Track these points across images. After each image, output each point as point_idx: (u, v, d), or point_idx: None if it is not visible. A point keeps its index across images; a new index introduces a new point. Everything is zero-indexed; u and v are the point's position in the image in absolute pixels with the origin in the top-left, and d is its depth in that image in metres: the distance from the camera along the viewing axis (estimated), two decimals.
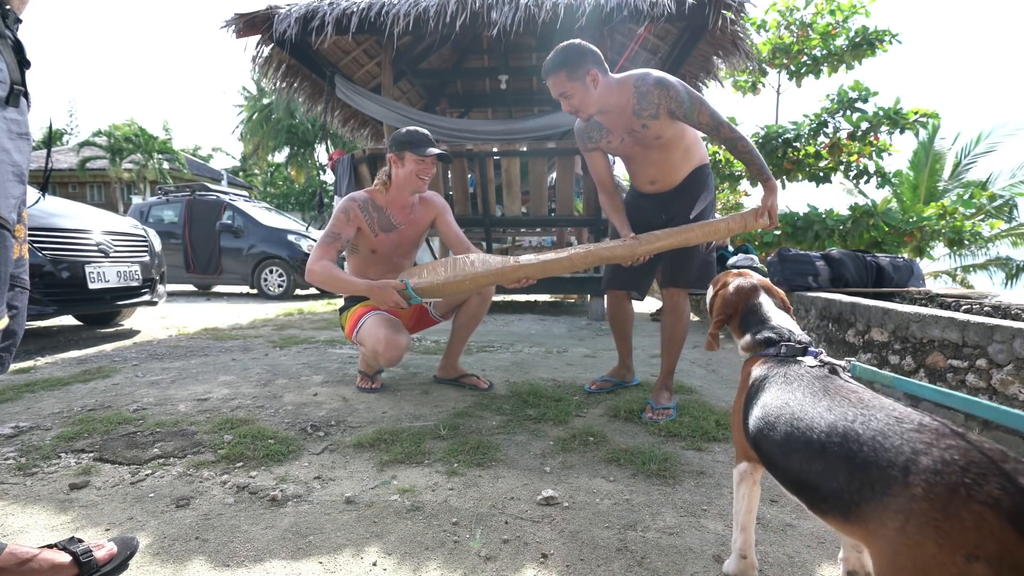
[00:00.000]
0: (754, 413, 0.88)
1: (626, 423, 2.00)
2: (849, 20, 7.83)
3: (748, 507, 1.01)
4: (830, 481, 0.70)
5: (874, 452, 0.66)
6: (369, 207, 2.27)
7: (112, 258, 3.55)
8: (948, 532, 0.55)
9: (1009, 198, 10.85)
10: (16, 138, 0.93)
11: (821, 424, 0.74)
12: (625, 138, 2.02)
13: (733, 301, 1.16)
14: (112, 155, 19.78)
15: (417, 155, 2.19)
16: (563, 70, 1.84)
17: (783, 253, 3.44)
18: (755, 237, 7.03)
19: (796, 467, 0.76)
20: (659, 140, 1.98)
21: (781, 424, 0.80)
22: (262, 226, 7.51)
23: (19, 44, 0.94)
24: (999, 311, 2.84)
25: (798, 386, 0.85)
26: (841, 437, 0.70)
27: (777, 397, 0.85)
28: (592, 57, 1.86)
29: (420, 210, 2.39)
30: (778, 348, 0.99)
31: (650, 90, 1.86)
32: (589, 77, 1.85)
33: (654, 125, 1.92)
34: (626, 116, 1.94)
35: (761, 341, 1.04)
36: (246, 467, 1.58)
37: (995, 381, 1.81)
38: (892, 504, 0.61)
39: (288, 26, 4.33)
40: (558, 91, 1.89)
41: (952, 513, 0.56)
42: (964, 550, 0.54)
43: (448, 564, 1.13)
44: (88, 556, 1.05)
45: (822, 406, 0.77)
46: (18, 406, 2.12)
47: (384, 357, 2.14)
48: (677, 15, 4.08)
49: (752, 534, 1.04)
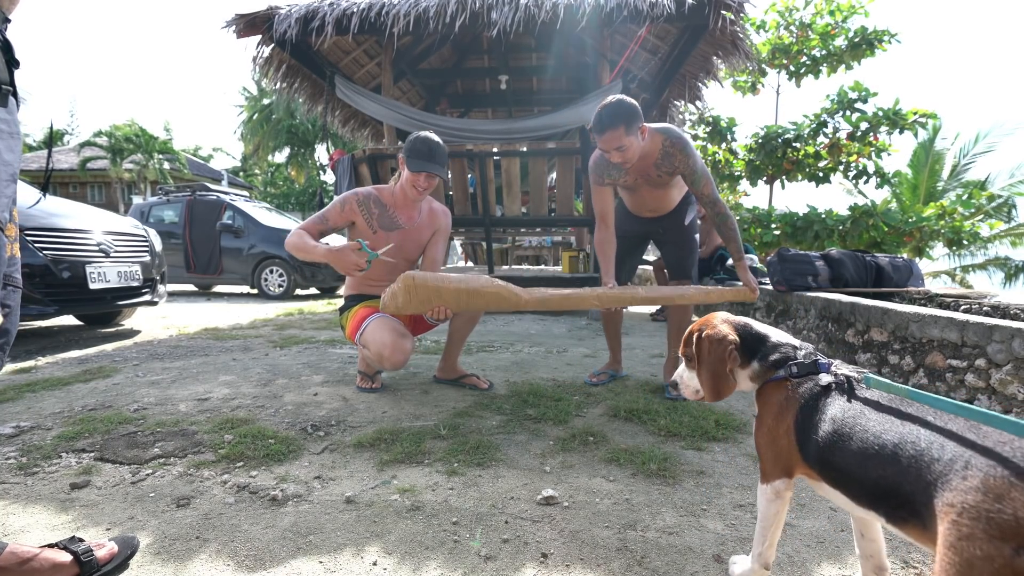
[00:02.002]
0: (823, 429, 0.86)
1: (626, 423, 2.01)
2: (848, 20, 7.83)
3: (778, 523, 1.00)
4: (903, 484, 0.70)
5: (942, 450, 0.67)
6: (370, 203, 2.26)
7: (113, 258, 3.55)
8: (998, 524, 0.56)
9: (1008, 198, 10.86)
10: (7, 137, 0.93)
11: (896, 431, 0.75)
12: (638, 179, 2.22)
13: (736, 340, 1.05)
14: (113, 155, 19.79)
15: (409, 168, 2.18)
16: (623, 126, 1.96)
17: (783, 253, 3.44)
18: (754, 237, 7.04)
19: (873, 475, 0.76)
20: (667, 184, 2.25)
21: (856, 437, 0.80)
22: (262, 226, 7.51)
23: (7, 44, 0.93)
24: (998, 311, 2.85)
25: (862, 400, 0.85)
26: (915, 440, 0.71)
27: (845, 411, 0.85)
28: (641, 113, 2.03)
29: (427, 218, 2.37)
30: (788, 368, 0.96)
31: (675, 153, 2.09)
32: (641, 131, 2.01)
33: (667, 177, 2.18)
34: (647, 165, 2.14)
35: (773, 363, 1.00)
36: (246, 467, 1.58)
37: (994, 381, 1.81)
38: (949, 498, 0.62)
39: (288, 26, 4.33)
40: (615, 144, 1.98)
41: (1004, 505, 0.56)
42: (1014, 542, 0.54)
43: (448, 564, 1.14)
44: (89, 555, 1.05)
45: (894, 416, 0.78)
46: (19, 406, 2.12)
47: (390, 362, 2.12)
48: (677, 15, 4.08)
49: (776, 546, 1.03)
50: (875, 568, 0.99)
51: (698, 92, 5.96)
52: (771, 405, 0.99)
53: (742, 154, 8.53)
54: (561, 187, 5.18)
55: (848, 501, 0.83)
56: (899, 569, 1.15)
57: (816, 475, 0.89)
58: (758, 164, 8.20)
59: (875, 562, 0.99)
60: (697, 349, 1.08)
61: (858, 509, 0.81)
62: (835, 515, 1.35)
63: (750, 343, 1.05)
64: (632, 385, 2.52)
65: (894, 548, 1.22)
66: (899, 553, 1.20)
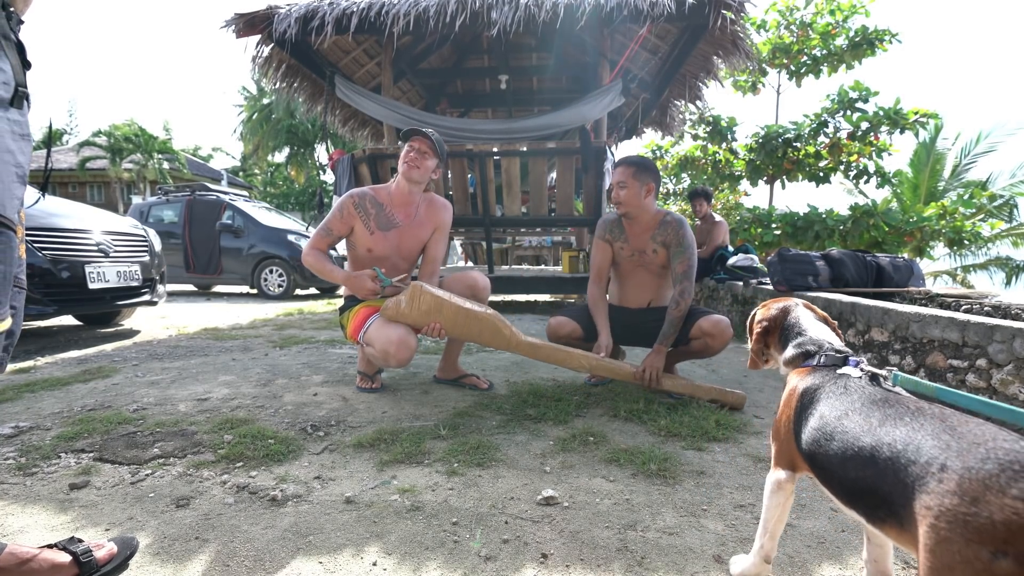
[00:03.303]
0: (810, 424, 0.88)
1: (626, 423, 2.00)
2: (849, 20, 7.83)
3: (780, 516, 1.00)
4: (881, 485, 0.70)
5: (917, 452, 0.66)
6: (367, 203, 2.26)
7: (112, 258, 3.55)
8: (976, 527, 0.55)
9: (1009, 198, 10.86)
10: (19, 139, 0.93)
11: (874, 432, 0.75)
12: (635, 255, 2.38)
13: (773, 316, 1.17)
14: (112, 155, 19.79)
15: (403, 143, 2.27)
16: (634, 167, 2.26)
17: (783, 253, 3.44)
18: (755, 237, 7.04)
19: (852, 475, 0.76)
20: (663, 269, 2.36)
21: (838, 434, 0.81)
22: (262, 226, 7.51)
23: (21, 46, 0.94)
24: (999, 311, 2.84)
25: (852, 397, 0.85)
26: (891, 442, 0.71)
27: (834, 408, 0.85)
28: (657, 178, 2.30)
29: (425, 213, 2.34)
30: (818, 359, 1.00)
31: (671, 222, 2.29)
32: (647, 188, 2.26)
33: (661, 254, 2.32)
34: (645, 235, 2.33)
35: (802, 354, 1.05)
36: (246, 467, 1.58)
37: (995, 381, 1.81)
38: (926, 500, 0.61)
39: (288, 26, 4.33)
40: (620, 179, 2.26)
41: (980, 508, 0.55)
42: (991, 546, 0.53)
43: (448, 564, 1.13)
44: (88, 556, 1.05)
45: (876, 415, 0.77)
46: (18, 406, 2.12)
47: (395, 359, 2.10)
48: (677, 15, 4.07)
49: (777, 540, 1.03)
50: (879, 573, 0.98)
51: (698, 92, 5.95)
52: (786, 392, 1.02)
53: (742, 154, 8.53)
54: (561, 187, 5.17)
55: (835, 500, 0.83)
56: (900, 570, 1.15)
57: (808, 470, 0.89)
58: (758, 164, 8.20)
59: (879, 567, 0.99)
60: (749, 322, 1.26)
61: (844, 508, 0.81)
62: (836, 516, 1.35)
63: (791, 330, 1.12)
64: (632, 385, 2.52)
65: (897, 549, 1.21)
66: (900, 554, 1.20)
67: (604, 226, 2.44)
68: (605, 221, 2.45)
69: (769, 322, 1.17)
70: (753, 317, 1.24)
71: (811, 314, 1.15)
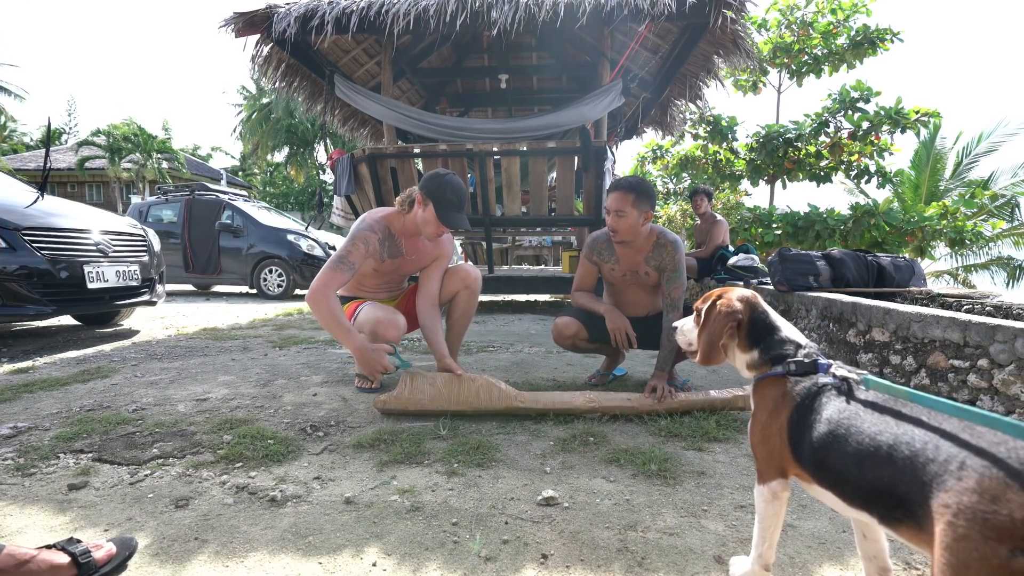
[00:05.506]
0: (817, 430, 0.86)
1: (626, 423, 2.00)
2: (850, 19, 7.82)
3: (777, 524, 1.00)
4: (899, 485, 0.69)
5: (936, 451, 0.66)
6: (386, 240, 2.24)
7: (111, 258, 3.54)
8: (994, 525, 0.55)
9: (1011, 197, 10.84)
10: None
11: (892, 431, 0.74)
12: (628, 275, 2.30)
13: (743, 309, 1.07)
14: (111, 155, 19.80)
15: (441, 219, 2.11)
16: (633, 195, 2.09)
17: (784, 253, 3.43)
18: (755, 237, 7.03)
19: (869, 476, 0.75)
20: (656, 287, 2.34)
21: (852, 436, 0.80)
22: (261, 226, 7.50)
23: None
24: (1001, 311, 2.84)
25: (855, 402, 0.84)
26: (910, 440, 0.71)
27: (843, 410, 0.84)
28: (654, 202, 2.17)
29: (430, 245, 2.36)
30: (786, 365, 0.96)
31: (666, 245, 2.19)
32: (645, 216, 2.12)
33: (654, 276, 2.27)
34: (638, 257, 2.24)
35: (772, 358, 1.00)
36: (245, 467, 1.57)
37: (997, 381, 1.80)
38: (945, 499, 0.61)
39: (287, 25, 4.32)
40: (617, 206, 2.09)
41: (999, 506, 0.55)
42: (1010, 544, 0.53)
43: (448, 564, 1.13)
44: (87, 557, 1.04)
45: (890, 415, 0.77)
46: (16, 406, 2.11)
47: (383, 338, 2.18)
48: (678, 14, 4.07)
49: (776, 546, 1.03)
50: (879, 570, 0.98)
51: (699, 91, 5.95)
52: (766, 402, 0.99)
53: (743, 153, 8.52)
54: (561, 187, 5.17)
55: (840, 502, 0.82)
56: (901, 571, 1.14)
57: (808, 476, 0.88)
58: (759, 163, 8.20)
59: (878, 563, 0.98)
60: (707, 312, 1.12)
61: (850, 510, 0.81)
62: (836, 516, 1.34)
63: (759, 330, 1.05)
64: (632, 385, 2.51)
65: (896, 549, 1.21)
66: (901, 554, 1.20)
67: (593, 246, 2.32)
68: (595, 240, 2.32)
69: (742, 315, 1.06)
70: (712, 303, 1.11)
71: (769, 309, 1.09)
